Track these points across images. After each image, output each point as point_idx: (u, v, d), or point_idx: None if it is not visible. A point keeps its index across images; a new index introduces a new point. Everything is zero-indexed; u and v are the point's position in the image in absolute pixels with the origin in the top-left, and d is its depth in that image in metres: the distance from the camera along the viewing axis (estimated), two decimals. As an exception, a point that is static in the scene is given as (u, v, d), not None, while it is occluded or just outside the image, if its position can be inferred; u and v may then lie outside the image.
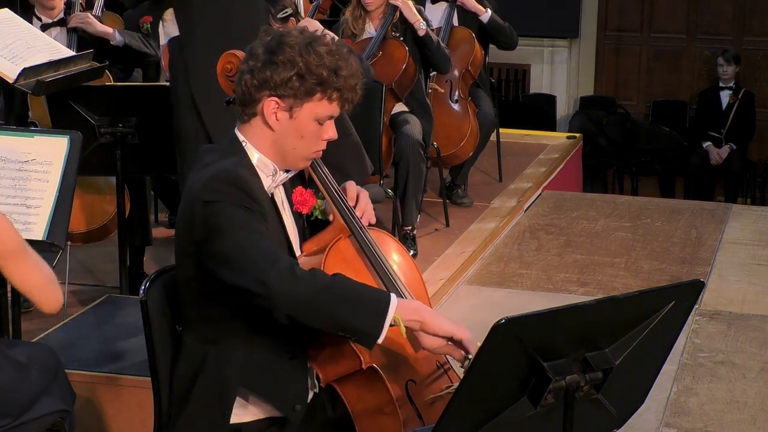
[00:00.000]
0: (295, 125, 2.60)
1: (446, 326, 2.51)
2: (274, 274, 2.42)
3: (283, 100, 2.58)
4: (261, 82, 2.58)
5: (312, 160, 2.69)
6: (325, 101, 2.58)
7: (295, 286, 2.42)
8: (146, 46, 5.44)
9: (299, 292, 2.42)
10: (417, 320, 2.49)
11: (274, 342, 2.61)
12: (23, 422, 2.99)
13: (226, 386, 2.62)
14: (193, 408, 2.65)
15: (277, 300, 2.43)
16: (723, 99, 9.29)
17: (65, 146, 3.86)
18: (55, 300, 2.94)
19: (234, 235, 2.48)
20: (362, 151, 4.68)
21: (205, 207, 2.52)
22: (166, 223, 5.92)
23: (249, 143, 2.64)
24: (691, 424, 4.10)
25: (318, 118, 2.60)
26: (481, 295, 5.37)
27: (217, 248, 2.50)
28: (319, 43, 2.57)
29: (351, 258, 2.70)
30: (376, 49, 5.54)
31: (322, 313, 2.44)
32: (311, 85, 2.55)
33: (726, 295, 5.39)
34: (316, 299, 2.43)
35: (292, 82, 2.55)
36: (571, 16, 10.18)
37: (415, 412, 2.66)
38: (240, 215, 2.51)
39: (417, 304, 2.55)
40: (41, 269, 2.91)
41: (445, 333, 2.51)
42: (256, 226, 2.52)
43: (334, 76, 2.56)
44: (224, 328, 2.62)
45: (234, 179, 2.54)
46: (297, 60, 2.54)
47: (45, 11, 5.29)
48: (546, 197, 6.95)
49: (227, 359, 2.62)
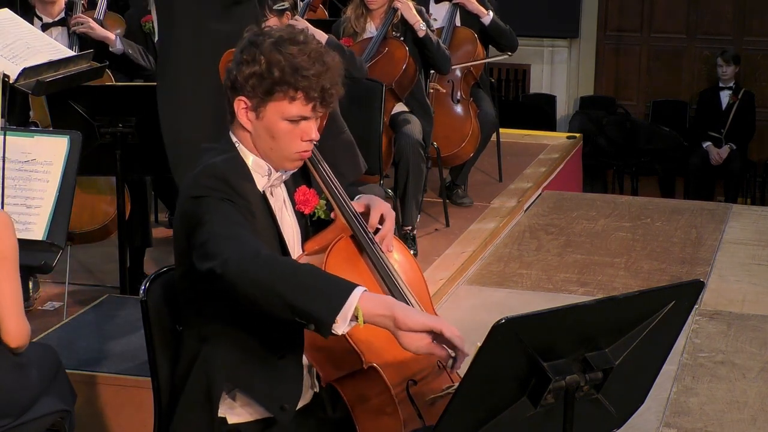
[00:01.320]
0: (264, 125, 2.58)
1: (421, 319, 2.31)
2: (234, 253, 2.36)
3: (249, 100, 2.56)
4: (231, 82, 2.58)
5: (298, 160, 2.65)
6: (286, 101, 2.54)
7: (251, 263, 2.33)
8: (143, 59, 5.44)
9: (255, 269, 2.32)
10: (385, 315, 2.30)
11: (264, 340, 2.59)
12: (23, 422, 2.99)
13: (212, 381, 2.61)
14: (184, 403, 2.65)
15: (232, 275, 2.33)
16: (723, 99, 9.29)
17: (65, 146, 3.86)
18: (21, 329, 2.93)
19: (213, 225, 2.45)
20: (355, 149, 4.68)
21: (192, 202, 2.52)
22: (166, 223, 5.92)
23: (241, 144, 2.65)
24: (691, 424, 4.10)
25: (286, 117, 2.55)
26: (481, 295, 5.37)
27: (196, 239, 2.47)
28: (290, 42, 2.53)
29: (352, 257, 2.70)
30: (376, 49, 5.54)
31: (276, 295, 2.31)
32: (269, 84, 2.52)
33: (726, 295, 5.39)
34: (274, 281, 2.31)
35: (252, 81, 2.53)
36: (571, 16, 10.18)
37: (415, 412, 2.66)
38: (223, 207, 2.49)
39: (386, 299, 2.37)
40: (19, 293, 2.90)
41: (421, 327, 2.31)
42: (237, 217, 2.49)
43: (293, 76, 2.51)
44: (216, 325, 2.61)
45: (219, 173, 2.53)
46: (259, 59, 2.52)
47: (45, 10, 5.28)
48: (546, 197, 6.96)
49: (215, 355, 2.61)
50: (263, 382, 2.63)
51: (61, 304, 4.68)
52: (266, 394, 2.63)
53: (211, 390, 2.61)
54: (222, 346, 2.61)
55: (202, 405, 2.63)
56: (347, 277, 2.57)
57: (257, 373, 2.62)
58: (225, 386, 2.63)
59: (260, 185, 2.64)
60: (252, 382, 2.63)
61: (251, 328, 2.58)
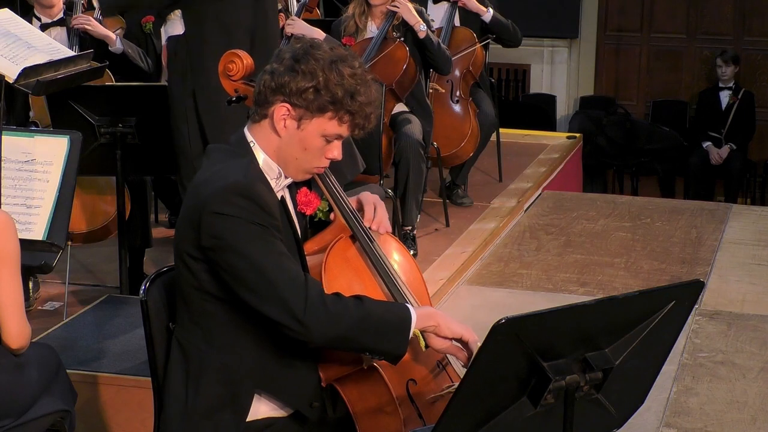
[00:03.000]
0: (300, 136, 2.59)
1: (457, 329, 2.59)
2: (310, 313, 2.47)
3: (294, 109, 2.57)
4: (278, 86, 2.57)
5: (312, 174, 2.69)
6: (335, 121, 2.58)
7: (331, 326, 2.49)
8: (142, 61, 5.44)
9: (336, 330, 2.49)
10: (432, 325, 2.58)
11: (283, 342, 2.60)
12: (24, 422, 2.99)
13: (238, 391, 2.62)
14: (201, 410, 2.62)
15: (314, 338, 2.50)
16: (723, 99, 9.29)
17: (65, 146, 3.86)
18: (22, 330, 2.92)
19: (253, 256, 2.49)
20: (353, 148, 4.68)
21: (215, 218, 2.51)
22: (166, 223, 5.92)
23: (257, 144, 2.64)
24: (691, 424, 4.10)
25: (325, 135, 2.59)
26: (481, 295, 5.37)
27: (233, 265, 2.50)
28: (345, 64, 2.57)
29: (352, 257, 2.70)
30: (376, 49, 5.54)
31: (353, 343, 2.54)
32: (325, 101, 2.55)
33: (726, 295, 5.39)
34: (349, 334, 2.50)
35: (308, 94, 2.55)
36: (571, 17, 10.18)
37: (416, 412, 2.66)
38: (254, 232, 2.50)
39: (430, 311, 2.62)
40: (20, 294, 2.90)
41: (455, 335, 2.59)
42: (273, 244, 2.52)
43: (349, 99, 2.55)
44: (230, 329, 2.61)
45: (247, 192, 2.52)
46: (318, 73, 2.54)
47: (44, 11, 5.28)
48: (546, 197, 6.95)
49: (238, 364, 2.61)
50: (290, 382, 2.66)
51: (61, 304, 4.68)
52: (295, 392, 2.68)
53: (238, 398, 2.62)
54: (243, 353, 2.62)
55: (224, 413, 2.62)
56: (347, 277, 2.61)
57: (281, 374, 2.65)
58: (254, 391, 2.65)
59: (273, 188, 2.64)
60: (278, 384, 2.66)
61: (267, 332, 2.59)
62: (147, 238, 5.02)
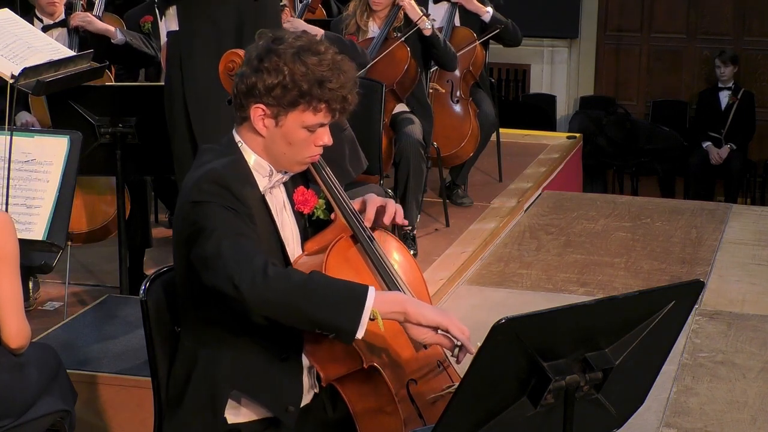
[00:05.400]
0: (282, 132, 2.59)
1: (431, 315, 2.47)
2: (244, 275, 2.40)
3: (268, 108, 2.56)
4: (248, 89, 2.56)
5: (308, 164, 2.69)
6: (310, 112, 2.56)
7: (265, 287, 2.40)
8: (147, 47, 5.44)
9: (270, 292, 2.40)
10: (399, 311, 2.46)
11: (266, 343, 2.61)
12: (24, 422, 2.99)
13: (217, 388, 2.62)
14: (186, 409, 2.65)
15: (249, 302, 2.41)
16: (722, 99, 9.29)
17: (65, 146, 3.87)
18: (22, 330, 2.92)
19: (214, 236, 2.47)
20: (357, 145, 4.68)
21: (192, 207, 2.53)
22: (166, 224, 5.92)
23: (245, 144, 2.65)
24: (691, 424, 4.10)
25: (305, 126, 2.58)
26: (481, 295, 5.37)
27: (199, 249, 2.49)
28: (310, 53, 2.53)
29: (352, 257, 2.70)
30: (378, 49, 5.54)
31: (296, 312, 2.42)
32: (294, 96, 2.53)
33: (726, 295, 5.39)
34: (288, 299, 2.40)
35: (276, 91, 2.53)
36: (571, 16, 10.18)
37: (416, 412, 2.66)
38: (224, 215, 2.50)
39: (398, 296, 2.51)
40: (20, 294, 2.90)
41: (430, 322, 2.47)
42: (240, 227, 2.50)
43: (318, 89, 2.52)
44: (216, 329, 2.62)
45: (220, 179, 2.53)
46: (283, 69, 2.52)
47: (46, 15, 5.30)
48: (546, 197, 6.95)
49: (218, 361, 2.62)
50: (267, 384, 2.64)
51: (61, 304, 4.68)
52: (271, 396, 2.65)
53: (215, 396, 2.62)
54: (224, 352, 2.62)
55: (205, 411, 2.63)
56: (347, 277, 2.59)
57: (261, 376, 2.63)
58: (230, 392, 2.64)
59: (261, 186, 2.64)
60: (257, 386, 2.64)
61: (252, 332, 2.58)
62: (147, 238, 5.02)
